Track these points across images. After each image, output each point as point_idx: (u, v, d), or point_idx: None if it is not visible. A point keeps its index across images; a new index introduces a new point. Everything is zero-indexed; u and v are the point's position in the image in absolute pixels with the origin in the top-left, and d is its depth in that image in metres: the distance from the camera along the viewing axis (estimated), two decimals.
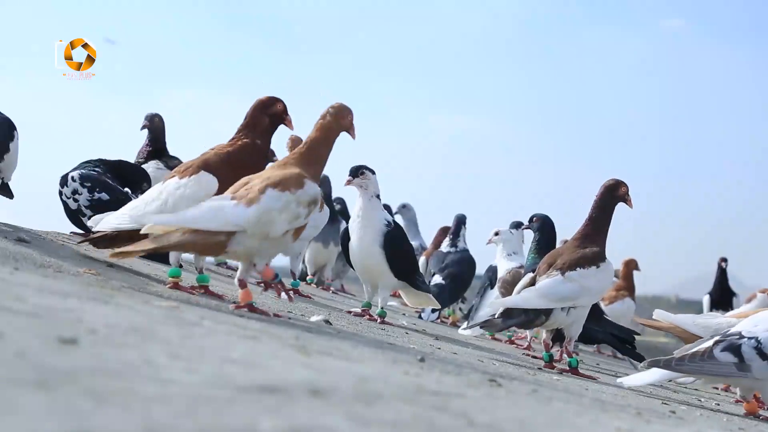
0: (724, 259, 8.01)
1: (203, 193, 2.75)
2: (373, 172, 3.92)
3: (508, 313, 3.38)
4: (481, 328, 3.62)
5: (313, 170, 2.67)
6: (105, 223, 2.99)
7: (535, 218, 4.24)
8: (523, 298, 3.40)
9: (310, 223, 4.35)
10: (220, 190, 2.71)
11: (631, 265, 7.10)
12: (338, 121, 2.74)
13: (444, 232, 6.63)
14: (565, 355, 3.57)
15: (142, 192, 4.33)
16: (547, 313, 3.38)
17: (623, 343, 4.22)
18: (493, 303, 3.61)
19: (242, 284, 2.61)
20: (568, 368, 3.43)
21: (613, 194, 3.51)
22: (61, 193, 4.02)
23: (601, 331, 4.18)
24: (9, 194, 3.87)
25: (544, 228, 4.18)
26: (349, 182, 3.90)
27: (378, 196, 3.93)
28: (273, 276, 2.65)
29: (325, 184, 5.45)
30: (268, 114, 2.93)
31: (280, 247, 2.66)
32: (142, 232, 2.52)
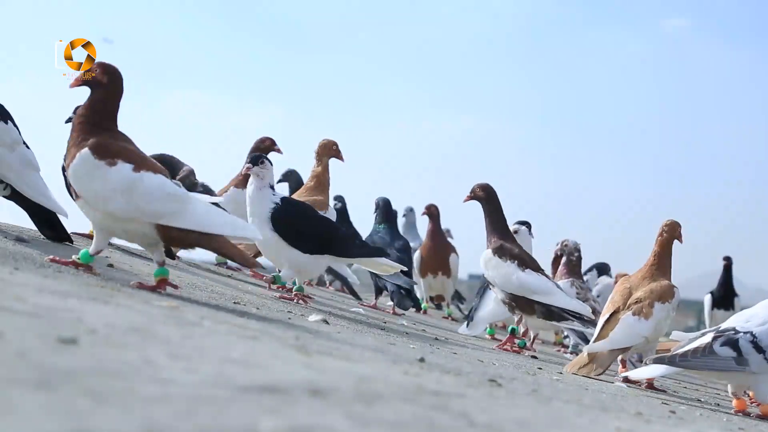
0: (727, 258, 7.89)
1: None
2: (272, 164, 3.87)
3: None
4: None
5: (669, 276, 3.61)
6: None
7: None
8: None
9: None
10: None
11: None
12: (672, 234, 3.63)
13: (434, 214, 6.66)
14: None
15: None
16: None
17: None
18: None
19: (625, 365, 3.59)
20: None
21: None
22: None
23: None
24: (66, 237, 3.44)
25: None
26: (248, 169, 3.80)
27: (272, 187, 3.85)
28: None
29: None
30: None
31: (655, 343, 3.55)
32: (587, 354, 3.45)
